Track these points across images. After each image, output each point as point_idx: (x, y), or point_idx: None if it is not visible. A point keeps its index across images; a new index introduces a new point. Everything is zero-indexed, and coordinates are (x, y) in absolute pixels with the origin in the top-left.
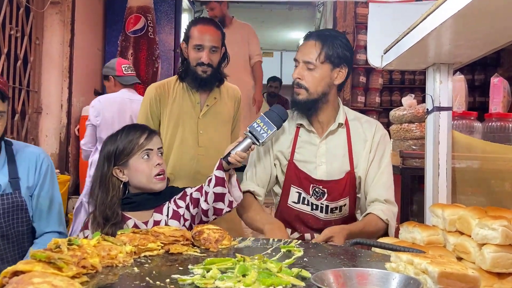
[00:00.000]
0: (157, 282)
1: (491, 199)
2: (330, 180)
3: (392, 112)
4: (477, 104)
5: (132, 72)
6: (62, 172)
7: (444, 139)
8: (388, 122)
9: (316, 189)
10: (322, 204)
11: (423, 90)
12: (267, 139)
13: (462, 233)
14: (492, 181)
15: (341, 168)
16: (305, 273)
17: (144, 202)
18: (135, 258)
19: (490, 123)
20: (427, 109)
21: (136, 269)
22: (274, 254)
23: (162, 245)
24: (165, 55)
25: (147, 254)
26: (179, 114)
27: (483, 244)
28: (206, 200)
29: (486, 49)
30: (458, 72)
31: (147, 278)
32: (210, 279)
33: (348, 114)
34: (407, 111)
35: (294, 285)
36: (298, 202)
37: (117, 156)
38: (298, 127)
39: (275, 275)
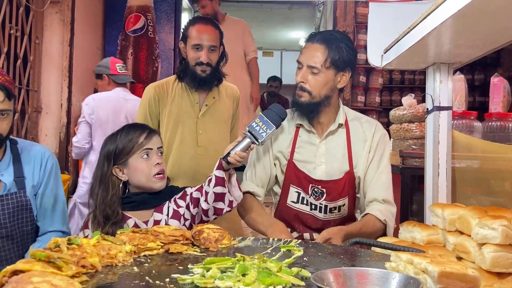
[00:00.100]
0: (156, 282)
1: (491, 199)
2: (329, 180)
3: (392, 112)
4: (477, 103)
5: (126, 71)
6: (61, 171)
7: (444, 139)
8: (388, 121)
9: (315, 189)
10: (321, 204)
11: (423, 90)
12: (266, 138)
13: (462, 232)
14: (492, 181)
15: (340, 168)
16: (305, 272)
17: (144, 201)
18: (134, 258)
19: (490, 123)
20: (427, 108)
21: (135, 268)
22: (274, 253)
23: (162, 244)
24: (165, 54)
25: (147, 253)
26: (178, 114)
27: (483, 244)
28: (206, 200)
29: (486, 49)
30: (458, 71)
31: (146, 278)
32: (210, 278)
33: (348, 114)
34: (407, 110)
35: (294, 284)
36: (297, 202)
37: (116, 155)
38: (298, 127)
39: (274, 275)
